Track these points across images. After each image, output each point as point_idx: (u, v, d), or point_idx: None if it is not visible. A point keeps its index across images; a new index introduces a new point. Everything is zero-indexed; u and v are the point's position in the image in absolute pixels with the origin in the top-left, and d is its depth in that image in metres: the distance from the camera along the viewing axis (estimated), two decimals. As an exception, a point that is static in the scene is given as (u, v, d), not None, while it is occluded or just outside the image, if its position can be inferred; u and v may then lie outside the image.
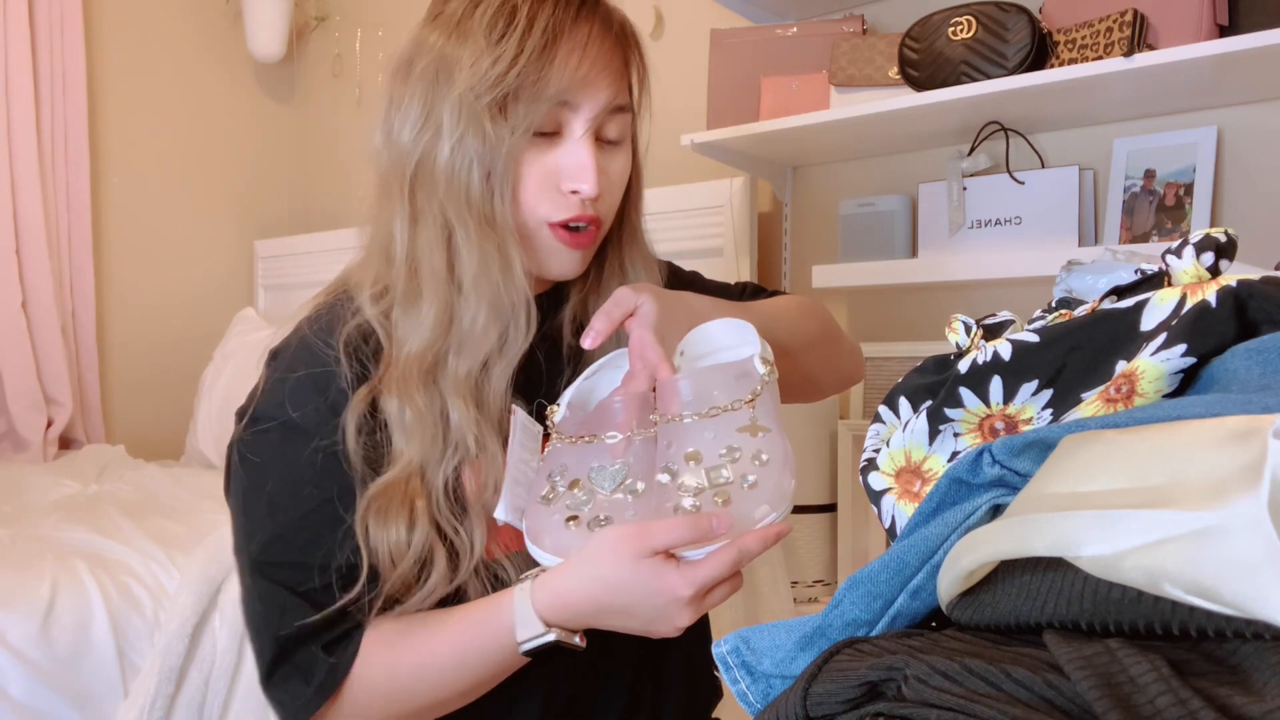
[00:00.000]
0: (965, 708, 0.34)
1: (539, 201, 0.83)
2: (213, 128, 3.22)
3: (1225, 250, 0.53)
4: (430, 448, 0.80)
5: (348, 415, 0.80)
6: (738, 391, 0.76)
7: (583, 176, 0.82)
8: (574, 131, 0.83)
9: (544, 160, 0.83)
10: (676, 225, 2.09)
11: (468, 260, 0.81)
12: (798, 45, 1.87)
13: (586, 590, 0.72)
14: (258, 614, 0.81)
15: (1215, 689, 0.31)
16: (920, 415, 0.60)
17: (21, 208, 2.71)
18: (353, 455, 0.80)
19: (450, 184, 0.81)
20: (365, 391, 0.81)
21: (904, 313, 1.93)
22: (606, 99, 0.83)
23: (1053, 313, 0.65)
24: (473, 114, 0.79)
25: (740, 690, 0.51)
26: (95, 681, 1.53)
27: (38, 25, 2.76)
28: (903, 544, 0.50)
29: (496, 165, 0.80)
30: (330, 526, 0.80)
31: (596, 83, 0.82)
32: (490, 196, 0.81)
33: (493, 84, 0.79)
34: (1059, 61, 1.51)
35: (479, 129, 0.79)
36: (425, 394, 0.81)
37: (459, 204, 0.81)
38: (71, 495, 2.18)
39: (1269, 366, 0.45)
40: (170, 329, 3.08)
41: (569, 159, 0.83)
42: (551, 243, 0.85)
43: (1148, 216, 1.60)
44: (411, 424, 0.80)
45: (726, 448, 0.73)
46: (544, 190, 0.83)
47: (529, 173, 0.82)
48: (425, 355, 0.81)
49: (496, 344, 0.82)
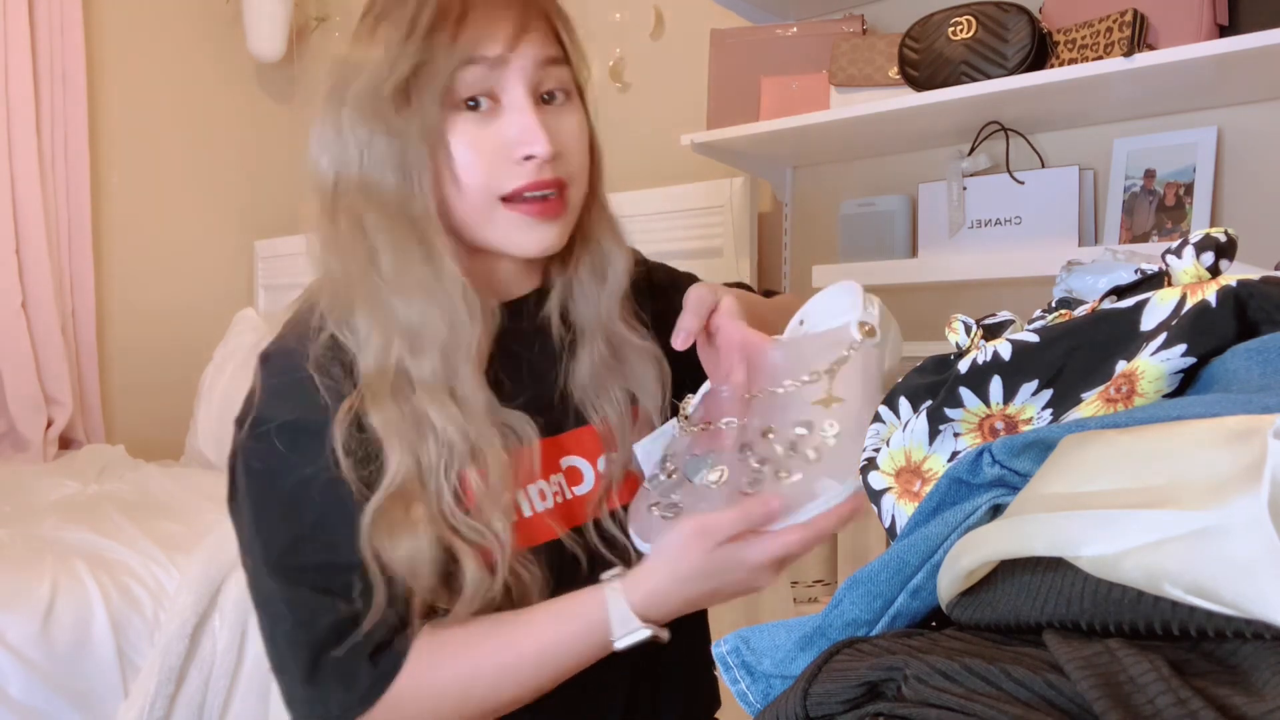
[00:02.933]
0: (965, 707, 0.34)
1: (489, 178, 0.80)
2: (213, 127, 3.22)
3: (1225, 250, 0.53)
4: (418, 456, 0.79)
5: (334, 439, 0.78)
6: (819, 362, 0.77)
7: (530, 137, 0.78)
8: (509, 96, 0.79)
9: (486, 135, 0.79)
10: (676, 225, 2.09)
11: (385, 260, 0.79)
12: (798, 45, 1.87)
13: (674, 588, 0.76)
14: (285, 619, 0.79)
15: (1215, 689, 0.31)
16: (920, 415, 0.60)
17: (21, 208, 2.72)
18: (348, 478, 0.78)
19: (363, 190, 0.79)
20: (345, 409, 0.79)
21: (904, 313, 1.92)
22: (515, 46, 0.79)
23: (1053, 313, 0.65)
24: (374, 109, 0.77)
25: (740, 690, 0.51)
26: (95, 681, 1.53)
27: (38, 25, 2.76)
28: (903, 544, 0.50)
29: (409, 157, 0.78)
30: (348, 525, 0.78)
31: (497, 33, 0.78)
32: (406, 191, 0.78)
33: (388, 72, 0.76)
34: (1059, 61, 1.51)
35: (383, 123, 0.77)
36: (397, 404, 0.79)
37: (375, 208, 0.79)
38: (71, 495, 2.19)
39: (1269, 366, 0.45)
40: (170, 329, 3.08)
41: (511, 124, 0.79)
42: (514, 219, 0.81)
43: (1148, 216, 1.60)
44: (390, 436, 0.78)
45: (800, 421, 0.75)
46: (494, 166, 0.80)
47: (470, 152, 0.79)
48: (384, 366, 0.80)
49: (448, 334, 0.79)
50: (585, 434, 0.91)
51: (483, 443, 0.80)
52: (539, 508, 0.86)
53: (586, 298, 0.91)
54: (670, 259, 1.09)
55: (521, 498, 0.85)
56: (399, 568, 0.77)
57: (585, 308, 0.91)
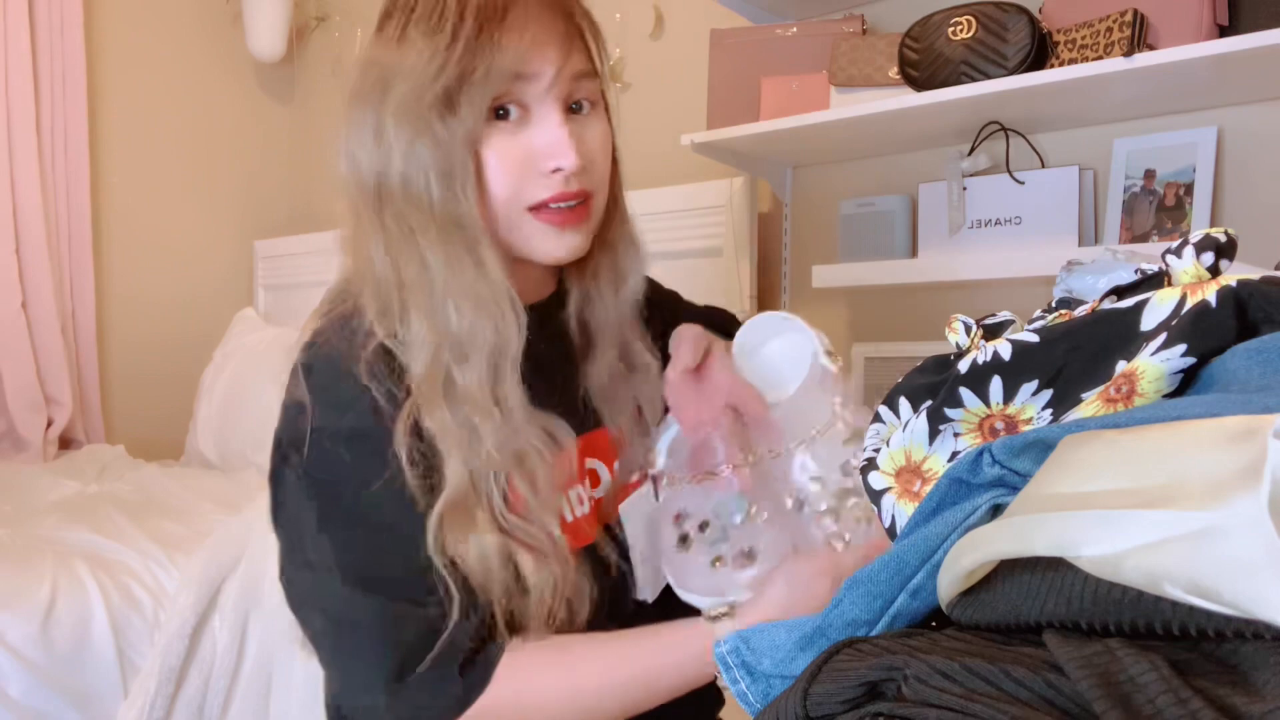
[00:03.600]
0: (965, 708, 0.34)
1: (518, 189, 0.81)
2: (213, 127, 3.22)
3: (1225, 250, 0.53)
4: (470, 461, 0.79)
5: (399, 448, 0.78)
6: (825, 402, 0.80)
7: (560, 151, 0.79)
8: (540, 107, 0.80)
9: (515, 145, 0.80)
10: (676, 225, 2.09)
11: (436, 266, 0.80)
12: (798, 45, 1.87)
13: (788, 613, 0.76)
14: (366, 630, 0.78)
15: (1215, 689, 0.31)
16: (920, 415, 0.60)
17: (21, 208, 2.71)
18: (411, 486, 0.78)
19: (408, 197, 0.79)
20: (404, 417, 0.79)
21: (904, 313, 1.93)
22: (560, 63, 0.80)
23: (1053, 313, 0.65)
24: (418, 117, 0.78)
25: (740, 690, 0.51)
26: (95, 681, 1.53)
27: (38, 25, 2.76)
28: (903, 544, 0.50)
29: (454, 164, 0.78)
30: (420, 532, 0.78)
31: (545, 50, 0.79)
32: (452, 199, 0.79)
33: (432, 79, 0.77)
34: (1059, 61, 1.51)
35: (427, 132, 0.78)
36: (449, 409, 0.79)
37: (421, 215, 0.79)
38: (71, 495, 2.19)
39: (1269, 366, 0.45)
40: (170, 329, 3.08)
41: (541, 137, 0.80)
42: (539, 228, 0.82)
43: (1148, 216, 1.60)
44: (447, 442, 0.78)
45: (840, 466, 0.78)
46: (523, 176, 0.80)
47: (499, 162, 0.80)
48: (434, 372, 0.80)
49: (495, 341, 0.80)
50: (601, 437, 0.92)
51: (528, 448, 0.81)
52: (578, 511, 0.87)
53: (604, 303, 0.92)
54: (670, 259, 1.10)
55: (563, 502, 0.86)
56: (473, 569, 0.77)
57: (602, 313, 0.92)
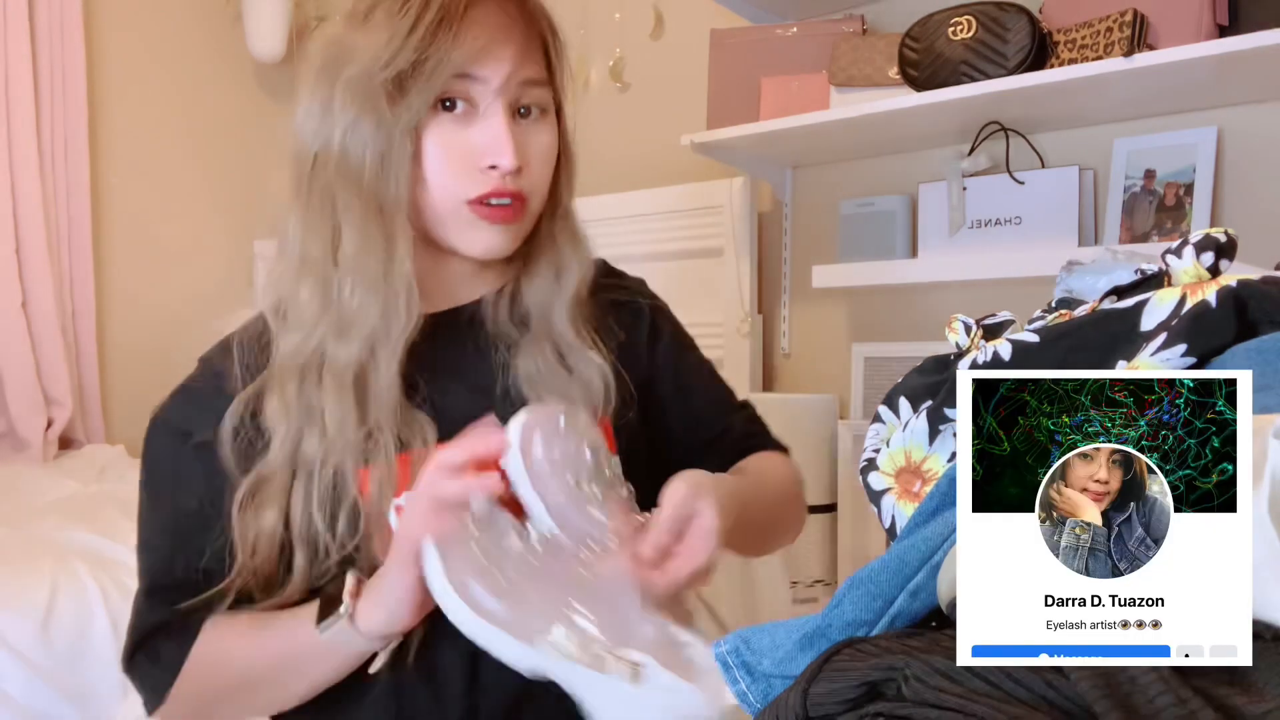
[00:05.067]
0: (965, 708, 0.34)
1: (456, 180, 0.82)
2: (213, 128, 3.22)
3: (1225, 250, 0.53)
4: (301, 442, 0.80)
5: (226, 418, 0.82)
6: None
7: (498, 150, 0.81)
8: (485, 106, 0.82)
9: (457, 138, 0.82)
10: (676, 225, 2.09)
11: (348, 241, 0.81)
12: (798, 45, 1.87)
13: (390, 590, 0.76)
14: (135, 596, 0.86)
15: (1215, 689, 0.31)
16: (920, 415, 0.60)
17: (21, 208, 2.71)
18: (226, 458, 0.81)
19: (342, 168, 0.81)
20: (250, 393, 0.82)
21: (904, 313, 1.93)
22: (509, 69, 0.81)
23: (1053, 313, 0.65)
24: (366, 95, 0.79)
25: (740, 690, 0.51)
26: (95, 681, 1.53)
27: (38, 25, 2.76)
28: (903, 544, 0.50)
29: (392, 147, 0.79)
30: (200, 530, 0.82)
31: (498, 53, 0.81)
32: (384, 179, 0.80)
33: (386, 63, 0.78)
34: (1059, 61, 1.51)
35: (372, 110, 0.79)
36: (299, 385, 0.81)
37: (350, 189, 0.81)
38: (71, 495, 2.19)
39: (1269, 367, 0.45)
40: (170, 329, 3.07)
41: (482, 134, 0.81)
42: (471, 218, 0.83)
43: (1148, 216, 1.60)
44: (278, 416, 0.81)
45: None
46: (462, 169, 0.82)
47: (439, 151, 0.81)
48: (305, 344, 0.82)
49: (376, 324, 0.81)
50: None
51: (379, 441, 0.81)
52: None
53: (537, 300, 0.90)
54: (670, 259, 1.09)
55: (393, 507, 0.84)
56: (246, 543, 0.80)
57: (535, 310, 0.90)
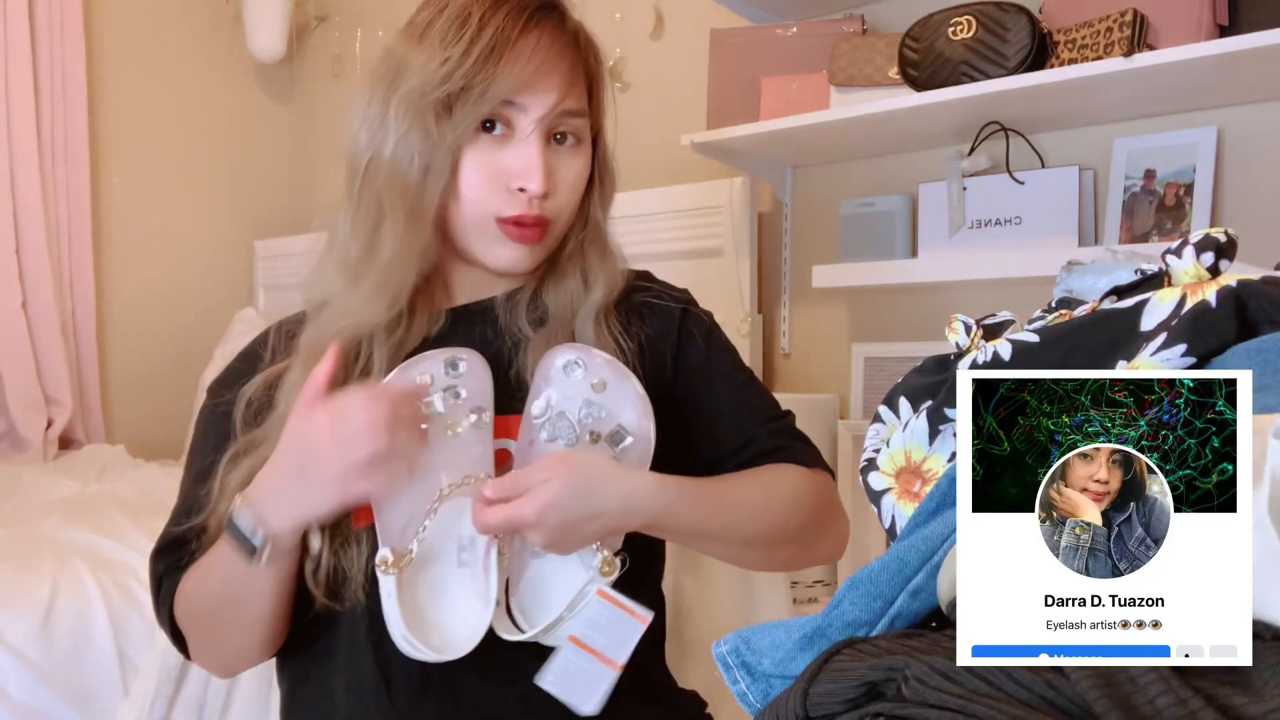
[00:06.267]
0: (965, 708, 0.34)
1: (487, 197, 0.87)
2: (213, 128, 3.22)
3: (1225, 250, 0.53)
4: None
5: (247, 388, 0.90)
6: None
7: (529, 175, 0.86)
8: (522, 131, 0.87)
9: (493, 158, 0.87)
10: (676, 225, 2.09)
11: (386, 245, 0.87)
12: (798, 45, 1.87)
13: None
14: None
15: (1215, 689, 0.31)
16: (920, 415, 0.60)
17: (21, 208, 2.71)
18: (236, 422, 0.89)
19: (391, 175, 0.86)
20: (273, 371, 0.90)
21: (904, 313, 1.93)
22: (553, 101, 0.87)
23: (1053, 313, 0.65)
24: (418, 111, 0.84)
25: (740, 690, 0.51)
26: (95, 681, 1.53)
27: (38, 25, 2.76)
28: (903, 544, 0.50)
29: (435, 161, 0.85)
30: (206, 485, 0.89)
31: (542, 85, 0.86)
32: (423, 190, 0.86)
33: (438, 83, 0.84)
34: (1059, 61, 1.51)
35: (422, 126, 0.85)
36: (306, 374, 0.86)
37: (395, 194, 0.86)
38: (71, 495, 2.18)
39: (1269, 367, 0.45)
40: (170, 329, 3.08)
41: (516, 158, 0.87)
42: (497, 234, 0.89)
43: (1148, 216, 1.60)
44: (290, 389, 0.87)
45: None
46: (494, 187, 0.87)
47: (475, 169, 0.87)
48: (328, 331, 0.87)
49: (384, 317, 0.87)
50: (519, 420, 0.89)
51: None
52: None
53: (557, 301, 0.94)
54: (670, 259, 1.10)
55: None
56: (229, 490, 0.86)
57: (554, 309, 0.93)
